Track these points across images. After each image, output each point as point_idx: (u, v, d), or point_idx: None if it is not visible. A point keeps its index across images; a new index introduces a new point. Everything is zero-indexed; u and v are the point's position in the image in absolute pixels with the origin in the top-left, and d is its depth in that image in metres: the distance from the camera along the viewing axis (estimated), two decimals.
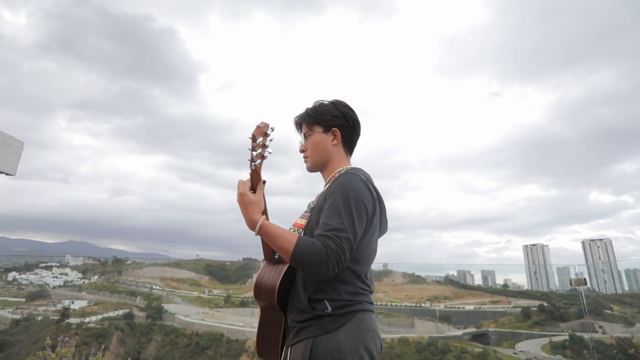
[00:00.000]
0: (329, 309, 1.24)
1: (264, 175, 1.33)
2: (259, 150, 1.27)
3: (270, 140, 1.29)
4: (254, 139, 1.26)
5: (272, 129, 1.28)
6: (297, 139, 1.60)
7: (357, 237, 1.26)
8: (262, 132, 1.27)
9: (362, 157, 1.61)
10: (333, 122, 1.50)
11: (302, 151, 1.53)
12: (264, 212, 1.30)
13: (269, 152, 1.29)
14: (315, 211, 1.37)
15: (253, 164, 1.28)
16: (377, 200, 1.37)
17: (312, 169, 1.52)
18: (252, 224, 1.25)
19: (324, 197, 1.36)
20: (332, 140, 1.49)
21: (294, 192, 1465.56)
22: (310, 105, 1.55)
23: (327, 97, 1.63)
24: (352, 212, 1.25)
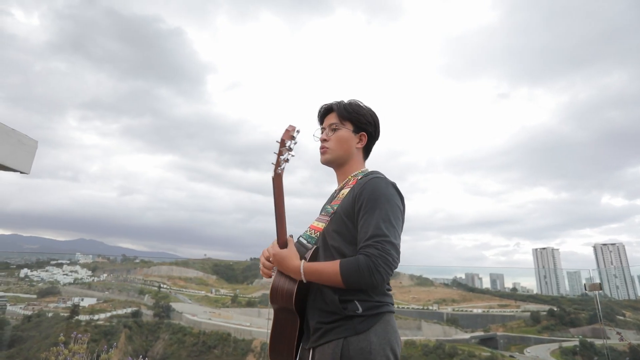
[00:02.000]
0: (360, 309, 1.25)
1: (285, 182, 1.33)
2: (285, 155, 1.26)
3: (295, 143, 1.27)
4: (282, 143, 1.25)
5: (299, 132, 1.27)
6: (305, 140, 1.59)
7: (399, 238, 1.29)
8: (290, 135, 1.26)
9: (369, 158, 1.61)
10: (365, 127, 1.51)
11: (323, 140, 1.50)
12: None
13: (292, 156, 1.28)
14: (338, 215, 1.37)
15: (279, 168, 1.26)
16: (403, 202, 1.40)
17: (329, 162, 1.51)
18: (296, 272, 1.30)
19: (351, 202, 1.35)
20: (357, 143, 1.50)
21: (301, 193, 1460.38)
22: (346, 101, 1.53)
23: (334, 98, 1.61)
24: (389, 215, 1.28)
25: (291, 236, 1.37)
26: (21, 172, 1.61)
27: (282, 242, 1.34)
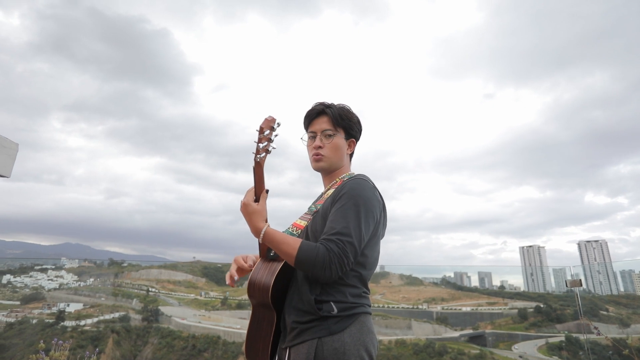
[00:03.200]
0: (335, 310, 1.26)
1: (266, 178, 1.32)
2: (265, 144, 1.26)
3: (276, 135, 1.28)
4: (261, 130, 1.25)
5: (279, 124, 1.27)
6: (294, 141, 1.60)
7: (363, 242, 1.28)
8: (269, 125, 1.27)
9: (357, 158, 1.66)
10: (354, 134, 1.55)
11: (318, 147, 1.49)
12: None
13: (273, 148, 1.28)
14: (319, 215, 1.39)
15: (258, 156, 1.27)
16: (383, 207, 1.41)
17: (323, 168, 1.51)
18: (256, 232, 1.30)
19: (330, 201, 1.37)
20: (347, 149, 1.54)
21: (289, 194, 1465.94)
22: (336, 104, 1.53)
23: (321, 99, 1.60)
24: (360, 217, 1.28)
25: (267, 191, 1.34)
26: (1, 176, 1.58)
27: (257, 194, 1.33)
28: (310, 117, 1.53)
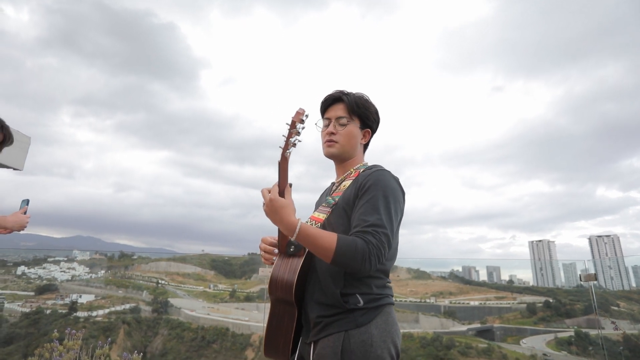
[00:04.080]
0: (362, 302, 1.25)
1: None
2: (294, 138, 1.22)
3: (304, 128, 1.23)
4: (292, 124, 1.20)
5: (307, 116, 1.23)
6: (302, 135, 1.57)
7: (394, 233, 1.28)
8: (299, 118, 1.22)
9: (366, 152, 1.61)
10: (371, 125, 1.52)
11: (331, 133, 1.46)
12: None
13: (299, 141, 1.24)
14: (339, 207, 1.36)
15: (287, 151, 1.23)
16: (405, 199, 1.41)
17: (334, 155, 1.49)
18: (291, 227, 1.21)
19: (352, 193, 1.34)
20: (361, 139, 1.51)
21: (297, 188, 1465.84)
22: (354, 93, 1.49)
23: (329, 92, 1.56)
24: (390, 208, 1.27)
25: (290, 185, 1.28)
26: (14, 169, 1.60)
27: (281, 189, 1.26)
28: (326, 104, 1.51)
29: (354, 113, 1.46)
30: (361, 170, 1.42)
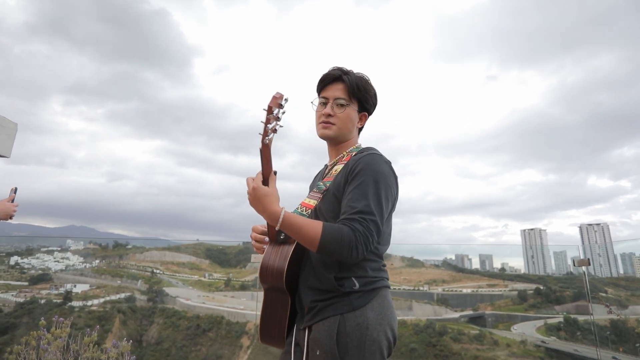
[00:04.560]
0: (357, 285, 1.22)
1: (273, 160, 1.21)
2: (273, 124, 1.16)
3: (283, 112, 1.17)
4: (269, 110, 1.14)
5: (287, 100, 1.16)
6: (296, 124, 1.52)
7: (384, 219, 1.24)
8: (277, 103, 1.15)
9: (360, 141, 1.58)
10: (368, 108, 1.46)
11: (328, 115, 1.39)
12: None
13: (280, 126, 1.18)
14: (330, 193, 1.32)
15: (266, 138, 1.16)
16: (396, 181, 1.35)
17: (329, 137, 1.42)
18: (274, 217, 1.18)
19: (342, 178, 1.30)
20: (358, 122, 1.45)
21: (291, 177, 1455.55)
22: (355, 73, 1.42)
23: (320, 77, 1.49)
24: (380, 194, 1.23)
25: (275, 172, 1.23)
26: (1, 156, 1.57)
27: (265, 177, 1.21)
28: (325, 82, 1.42)
29: (354, 95, 1.39)
30: (353, 154, 1.37)
